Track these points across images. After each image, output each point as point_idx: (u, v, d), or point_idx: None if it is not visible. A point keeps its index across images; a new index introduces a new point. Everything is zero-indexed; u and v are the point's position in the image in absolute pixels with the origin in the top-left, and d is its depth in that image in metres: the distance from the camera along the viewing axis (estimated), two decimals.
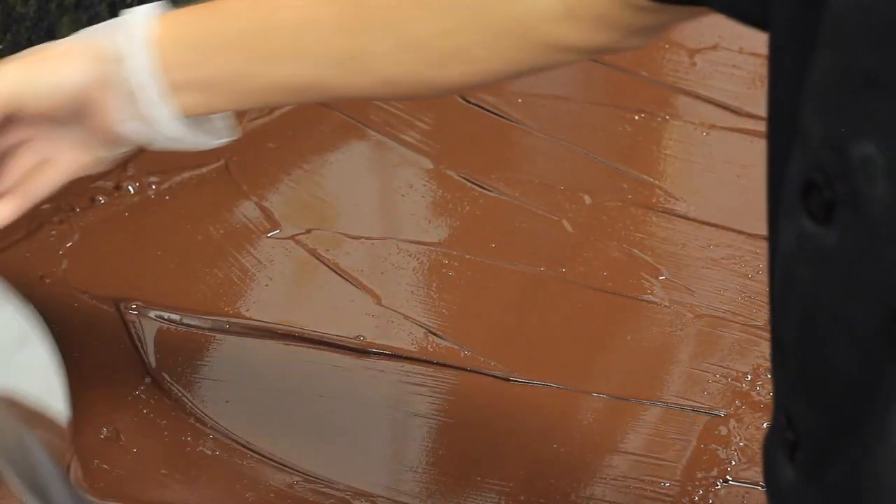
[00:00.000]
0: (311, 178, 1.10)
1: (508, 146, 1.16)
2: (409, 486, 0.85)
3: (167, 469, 0.86)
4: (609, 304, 0.99)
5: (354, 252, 1.03)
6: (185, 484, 0.85)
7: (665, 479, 0.87)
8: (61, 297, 0.97)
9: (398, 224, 1.05)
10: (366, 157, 1.14)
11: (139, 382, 0.91)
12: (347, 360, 0.94)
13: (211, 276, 0.99)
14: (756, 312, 0.99)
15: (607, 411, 0.91)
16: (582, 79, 1.22)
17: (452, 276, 1.01)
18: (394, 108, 1.17)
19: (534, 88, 1.21)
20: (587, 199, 1.09)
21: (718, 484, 0.86)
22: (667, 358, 0.95)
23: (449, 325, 0.96)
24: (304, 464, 0.86)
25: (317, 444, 0.87)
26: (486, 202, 1.08)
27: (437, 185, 1.09)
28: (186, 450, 0.87)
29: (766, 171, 0.55)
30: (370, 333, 0.96)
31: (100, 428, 0.88)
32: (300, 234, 1.04)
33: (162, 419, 0.89)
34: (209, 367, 0.94)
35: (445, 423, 0.90)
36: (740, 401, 0.92)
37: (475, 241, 1.03)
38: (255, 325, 0.96)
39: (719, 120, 1.19)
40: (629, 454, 0.88)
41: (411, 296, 0.99)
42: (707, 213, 1.08)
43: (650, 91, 1.21)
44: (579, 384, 0.93)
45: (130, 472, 0.86)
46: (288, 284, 1.00)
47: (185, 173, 1.08)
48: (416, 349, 0.95)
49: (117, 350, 0.93)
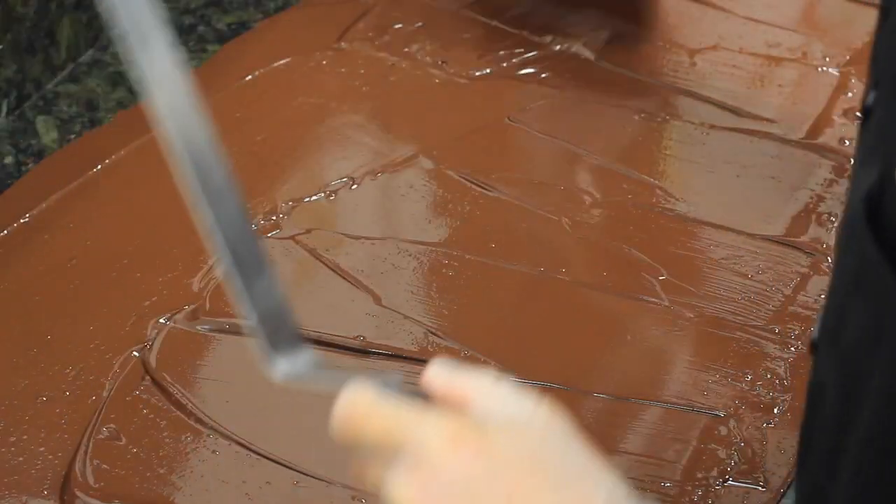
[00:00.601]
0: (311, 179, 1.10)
1: (508, 146, 1.16)
2: None
3: (167, 469, 0.86)
4: (609, 304, 0.99)
5: (354, 252, 1.03)
6: (184, 483, 0.85)
7: (665, 479, 0.87)
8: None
9: (398, 224, 1.05)
10: (366, 157, 1.14)
11: (139, 382, 0.92)
12: (347, 360, 0.94)
13: (211, 276, 0.99)
14: (756, 312, 0.99)
15: (607, 411, 0.91)
16: (582, 79, 1.22)
17: (452, 276, 1.01)
18: (393, 108, 1.17)
19: (534, 88, 1.21)
20: (587, 199, 1.09)
21: (718, 484, 0.86)
22: (667, 358, 0.95)
23: (449, 325, 0.96)
24: (305, 464, 0.86)
25: (317, 444, 0.87)
26: (486, 202, 1.08)
27: (437, 185, 1.09)
28: (186, 450, 0.87)
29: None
30: (370, 333, 0.96)
31: (100, 428, 0.88)
32: (300, 234, 1.04)
33: (162, 419, 0.89)
34: (209, 367, 0.94)
35: None
36: (740, 401, 0.92)
37: (475, 241, 1.03)
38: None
39: (719, 120, 1.19)
40: (629, 454, 0.88)
41: (411, 296, 0.99)
42: (707, 213, 1.08)
43: (650, 91, 1.21)
44: (579, 384, 0.93)
45: (130, 472, 0.86)
46: (288, 284, 1.00)
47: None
48: (416, 349, 0.95)
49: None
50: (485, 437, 0.54)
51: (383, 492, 0.54)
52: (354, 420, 0.56)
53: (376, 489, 0.55)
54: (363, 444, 0.56)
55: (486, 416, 0.55)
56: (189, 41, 1.24)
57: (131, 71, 0.53)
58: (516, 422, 0.55)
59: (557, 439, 0.56)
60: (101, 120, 1.14)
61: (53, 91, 1.17)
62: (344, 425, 0.56)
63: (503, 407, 0.55)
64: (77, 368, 0.92)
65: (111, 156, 1.09)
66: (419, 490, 0.54)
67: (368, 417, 0.55)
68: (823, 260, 1.03)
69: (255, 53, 1.22)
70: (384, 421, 0.55)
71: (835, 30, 1.32)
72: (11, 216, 1.03)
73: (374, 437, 0.55)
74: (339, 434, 0.56)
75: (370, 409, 0.55)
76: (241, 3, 1.30)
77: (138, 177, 1.07)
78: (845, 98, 1.23)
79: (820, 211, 1.09)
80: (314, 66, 1.21)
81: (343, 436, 0.56)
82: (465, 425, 0.54)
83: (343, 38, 1.24)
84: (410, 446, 0.54)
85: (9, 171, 1.08)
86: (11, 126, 1.13)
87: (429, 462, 0.54)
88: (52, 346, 0.93)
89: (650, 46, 1.26)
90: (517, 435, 0.55)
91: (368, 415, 0.55)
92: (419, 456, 0.54)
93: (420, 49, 1.23)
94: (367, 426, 0.55)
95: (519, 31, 1.26)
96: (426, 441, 0.54)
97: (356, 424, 0.56)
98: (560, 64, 1.23)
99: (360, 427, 0.56)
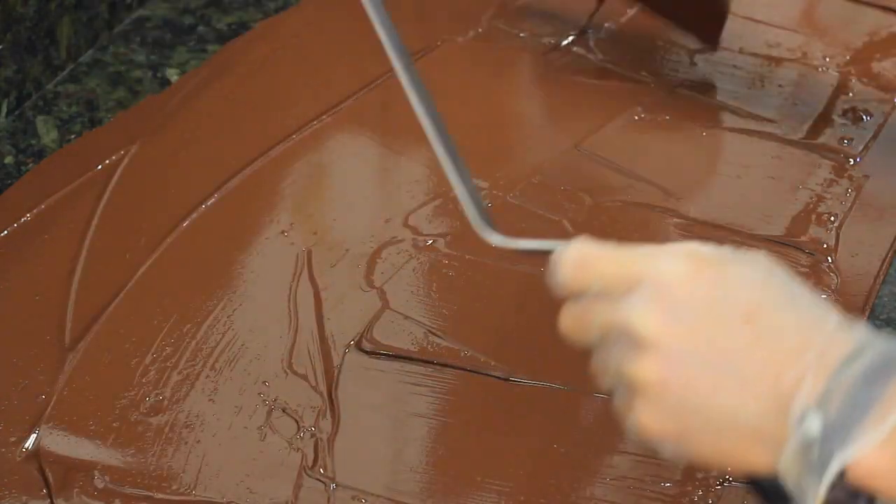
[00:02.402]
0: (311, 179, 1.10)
1: (508, 146, 1.16)
2: (409, 486, 0.85)
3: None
4: None
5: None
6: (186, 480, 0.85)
7: (665, 479, 0.87)
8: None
9: (398, 224, 1.05)
10: (366, 157, 1.14)
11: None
12: (347, 360, 0.94)
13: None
14: None
15: (607, 411, 0.91)
16: (582, 79, 1.22)
17: (452, 276, 1.01)
18: (394, 111, 1.17)
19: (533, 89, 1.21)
20: (587, 199, 1.09)
21: (718, 484, 0.86)
22: None
23: (449, 325, 0.96)
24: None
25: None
26: (486, 202, 1.08)
27: (438, 185, 1.09)
28: (187, 450, 0.87)
29: None
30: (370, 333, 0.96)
31: (101, 428, 0.88)
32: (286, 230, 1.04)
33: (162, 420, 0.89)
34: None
35: (445, 423, 0.90)
36: None
37: (475, 241, 1.03)
38: None
39: (719, 120, 1.19)
40: (629, 454, 0.88)
41: (411, 296, 0.99)
42: (707, 213, 1.08)
43: (650, 91, 1.21)
44: (579, 384, 0.93)
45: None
46: (288, 284, 1.00)
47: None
48: (416, 349, 0.95)
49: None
50: (721, 266, 0.60)
51: (625, 326, 0.60)
52: (588, 261, 0.62)
53: (617, 367, 0.61)
54: (594, 285, 0.61)
55: (717, 252, 0.61)
56: (189, 41, 1.24)
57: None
58: (744, 258, 0.60)
59: (784, 273, 0.61)
60: (101, 120, 1.14)
61: (53, 91, 1.17)
62: (576, 268, 0.62)
63: (730, 251, 0.61)
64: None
65: (111, 156, 1.09)
66: (662, 314, 0.58)
67: (603, 257, 0.61)
68: (823, 260, 1.03)
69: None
70: (620, 257, 0.61)
71: (835, 30, 1.32)
72: (11, 216, 1.03)
73: (609, 275, 0.61)
74: (568, 279, 0.63)
75: (604, 251, 0.62)
76: (241, 3, 1.30)
77: (139, 176, 1.08)
78: (845, 98, 1.23)
79: (820, 211, 1.09)
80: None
81: (573, 280, 0.62)
82: (702, 255, 0.60)
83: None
84: (649, 278, 0.59)
85: (9, 171, 1.08)
86: (11, 126, 1.13)
87: (669, 289, 0.59)
88: (52, 346, 0.93)
89: (650, 46, 1.26)
90: (750, 264, 0.60)
91: (603, 256, 0.62)
92: (658, 286, 0.59)
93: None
94: (602, 265, 0.61)
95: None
96: (666, 270, 0.59)
97: (590, 265, 0.62)
98: (556, 60, 1.23)
99: (594, 267, 0.62)
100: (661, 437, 0.61)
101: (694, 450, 0.60)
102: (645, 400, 0.60)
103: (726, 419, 0.59)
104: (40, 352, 0.92)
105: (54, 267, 0.99)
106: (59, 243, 1.01)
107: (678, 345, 0.59)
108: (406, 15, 1.28)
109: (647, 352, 0.59)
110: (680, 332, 0.59)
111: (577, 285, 0.63)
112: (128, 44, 1.24)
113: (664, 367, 0.59)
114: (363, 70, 1.19)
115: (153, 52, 1.23)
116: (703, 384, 0.58)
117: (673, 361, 0.59)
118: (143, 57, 1.22)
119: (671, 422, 0.60)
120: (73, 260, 1.00)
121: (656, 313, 0.59)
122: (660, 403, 0.60)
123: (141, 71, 1.20)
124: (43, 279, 0.98)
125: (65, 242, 1.01)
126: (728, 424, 0.59)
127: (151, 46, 1.23)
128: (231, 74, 1.19)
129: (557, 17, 1.28)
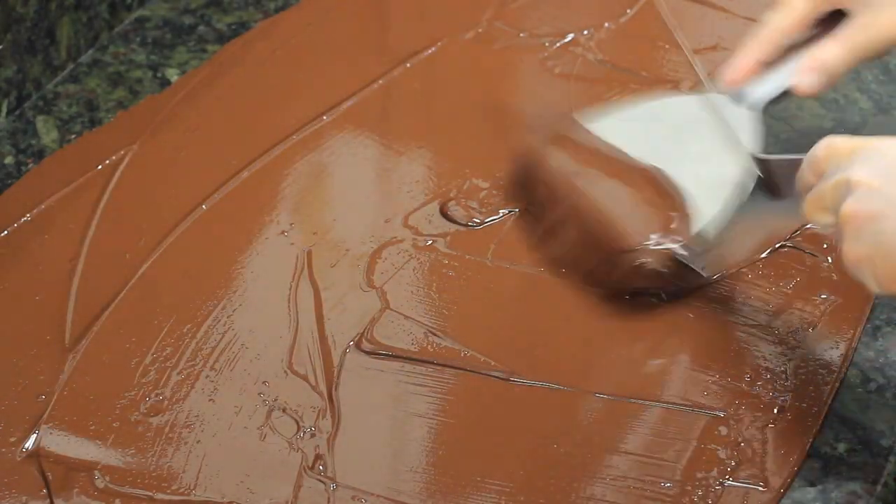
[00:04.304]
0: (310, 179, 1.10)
1: (508, 146, 1.16)
2: (409, 486, 0.85)
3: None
4: (609, 304, 0.99)
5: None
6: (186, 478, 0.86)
7: (665, 479, 0.87)
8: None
9: (398, 224, 1.05)
10: (366, 157, 1.14)
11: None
12: (347, 361, 0.94)
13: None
14: (755, 313, 0.99)
15: (607, 411, 0.91)
16: (582, 79, 1.22)
17: (452, 276, 1.01)
18: (394, 111, 1.17)
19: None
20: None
21: (718, 484, 0.86)
22: (667, 358, 0.95)
23: (449, 325, 0.96)
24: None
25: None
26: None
27: (438, 185, 1.09)
28: (187, 450, 0.87)
29: None
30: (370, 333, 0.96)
31: (101, 428, 0.88)
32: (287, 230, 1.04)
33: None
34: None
35: (445, 423, 0.90)
36: (740, 401, 0.92)
37: (475, 241, 1.03)
38: None
39: None
40: (629, 454, 0.88)
41: (411, 296, 0.99)
42: None
43: (650, 91, 1.21)
44: (579, 384, 0.93)
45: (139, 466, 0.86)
46: (287, 284, 1.00)
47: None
48: (416, 349, 0.95)
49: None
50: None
51: (846, 179, 0.80)
52: (835, 145, 0.83)
53: (835, 212, 0.80)
54: (838, 158, 0.82)
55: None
56: (189, 41, 1.24)
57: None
58: None
59: None
60: (101, 120, 1.14)
61: (53, 91, 1.17)
62: (829, 150, 0.83)
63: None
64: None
65: (111, 156, 1.09)
66: (870, 168, 0.79)
67: (846, 140, 0.83)
68: (823, 260, 1.03)
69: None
70: (854, 142, 0.82)
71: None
72: (11, 216, 1.03)
73: (847, 151, 0.81)
74: (822, 156, 0.83)
75: (844, 139, 0.83)
76: (241, 3, 1.30)
77: (139, 176, 1.08)
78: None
79: None
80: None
81: (825, 156, 0.83)
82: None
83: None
84: (870, 147, 0.81)
85: (9, 171, 1.09)
86: (11, 126, 1.13)
87: (878, 153, 0.80)
88: (52, 346, 0.93)
89: (650, 46, 1.26)
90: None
91: (845, 140, 0.83)
92: (872, 151, 0.80)
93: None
94: (843, 147, 0.82)
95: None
96: (878, 143, 0.81)
97: (837, 147, 0.83)
98: (556, 60, 1.23)
99: (839, 147, 0.82)
100: (857, 263, 0.79)
101: (888, 273, 0.78)
102: (846, 232, 0.79)
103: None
104: (40, 352, 0.93)
105: (54, 267, 0.99)
106: (59, 243, 1.01)
107: (877, 188, 0.78)
108: (406, 15, 1.28)
109: (853, 195, 0.79)
110: (878, 181, 0.78)
111: (821, 167, 0.83)
112: (128, 44, 1.24)
113: (862, 203, 0.78)
114: (363, 70, 1.20)
115: (153, 52, 1.23)
116: (890, 216, 0.77)
117: (870, 199, 0.78)
118: (143, 57, 1.22)
119: (864, 247, 0.78)
120: (73, 260, 1.00)
121: (865, 167, 0.79)
122: (856, 233, 0.78)
123: (141, 71, 1.20)
124: (43, 279, 0.98)
125: (65, 242, 1.01)
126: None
127: (151, 46, 1.23)
128: (231, 74, 1.19)
129: (557, 17, 1.28)
